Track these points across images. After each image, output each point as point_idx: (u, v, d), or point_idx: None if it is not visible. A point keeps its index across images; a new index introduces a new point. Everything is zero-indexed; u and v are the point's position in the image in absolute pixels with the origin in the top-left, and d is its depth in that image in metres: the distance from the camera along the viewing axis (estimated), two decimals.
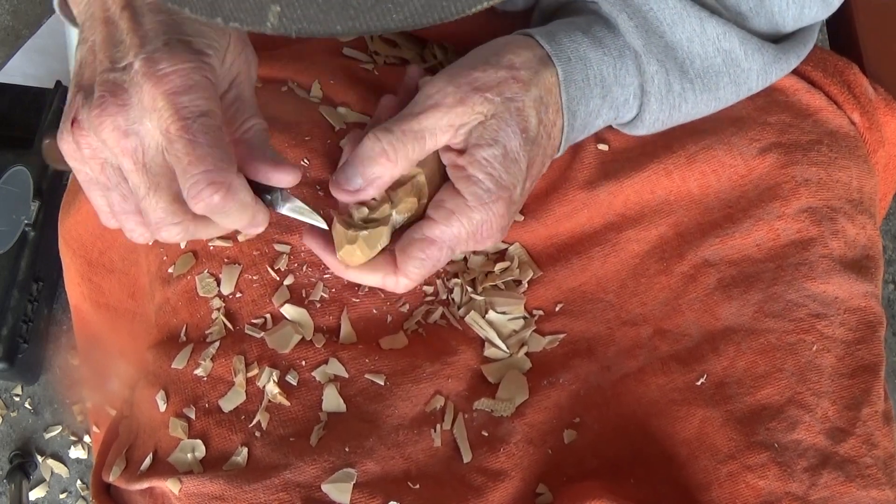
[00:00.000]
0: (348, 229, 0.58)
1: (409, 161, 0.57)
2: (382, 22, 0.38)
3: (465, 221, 0.58)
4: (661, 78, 0.62)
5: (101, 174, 0.53)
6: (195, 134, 0.50)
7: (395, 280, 0.59)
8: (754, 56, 0.64)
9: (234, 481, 0.57)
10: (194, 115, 0.50)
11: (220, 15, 0.39)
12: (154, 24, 0.51)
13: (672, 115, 0.65)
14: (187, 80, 0.50)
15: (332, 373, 0.61)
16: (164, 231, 0.54)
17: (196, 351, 0.62)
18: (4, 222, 1.33)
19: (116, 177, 0.53)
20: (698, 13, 0.62)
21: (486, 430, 0.64)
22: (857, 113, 0.73)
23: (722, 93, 0.65)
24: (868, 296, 0.67)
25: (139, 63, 0.50)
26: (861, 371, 0.64)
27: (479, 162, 0.57)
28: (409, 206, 0.59)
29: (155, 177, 0.51)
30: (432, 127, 0.57)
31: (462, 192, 0.58)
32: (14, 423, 1.41)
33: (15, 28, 1.61)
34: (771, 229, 0.66)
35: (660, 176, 0.67)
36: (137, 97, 0.50)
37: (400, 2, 0.37)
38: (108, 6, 0.53)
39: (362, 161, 0.57)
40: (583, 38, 0.61)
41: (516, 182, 0.59)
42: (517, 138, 0.58)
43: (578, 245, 0.68)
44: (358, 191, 0.57)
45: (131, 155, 0.51)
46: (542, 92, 0.59)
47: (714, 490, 0.61)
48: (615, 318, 0.68)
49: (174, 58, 0.50)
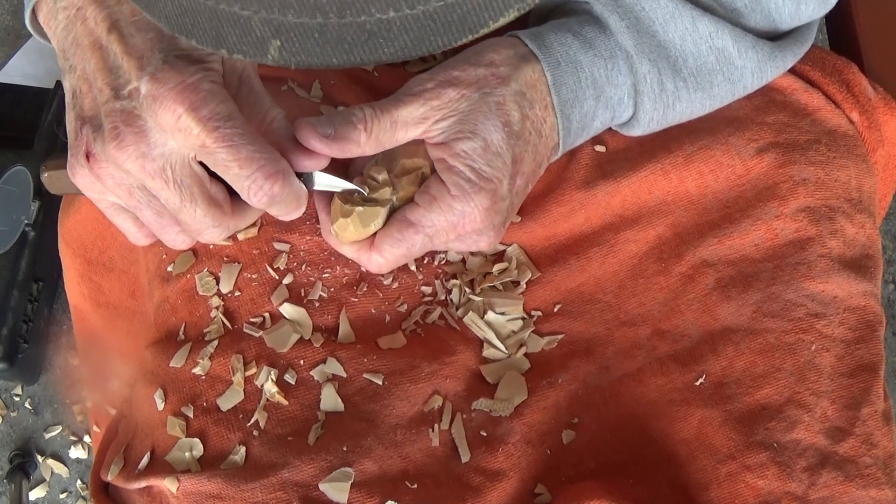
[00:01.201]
0: (346, 204, 0.58)
1: (379, 143, 0.57)
2: (375, 55, 0.41)
3: (444, 208, 0.58)
4: (654, 77, 0.62)
5: (130, 199, 0.55)
6: (232, 138, 0.51)
7: (369, 255, 0.59)
8: (748, 54, 0.64)
9: (231, 480, 0.57)
10: (222, 121, 0.51)
11: (224, 47, 0.42)
12: (146, 43, 0.52)
13: (666, 114, 0.65)
14: (199, 92, 0.51)
15: (330, 372, 0.61)
16: (207, 234, 0.56)
17: (194, 350, 0.62)
18: (4, 222, 1.33)
19: (146, 196, 0.55)
20: (691, 12, 0.62)
21: (485, 430, 0.64)
22: (855, 112, 0.73)
23: (717, 91, 0.65)
24: (867, 295, 0.67)
25: (145, 86, 0.51)
26: (860, 370, 0.64)
27: (459, 154, 0.57)
28: (409, 194, 0.59)
29: (188, 188, 0.53)
30: (405, 117, 0.57)
31: (445, 181, 0.58)
32: (14, 423, 1.41)
33: (15, 28, 1.61)
34: (769, 229, 0.66)
35: (657, 176, 0.67)
36: (153, 121, 0.51)
37: (391, 37, 0.40)
38: (93, 30, 0.53)
39: (341, 120, 0.56)
40: (573, 41, 0.61)
41: (501, 176, 0.58)
42: (499, 132, 0.58)
43: (576, 246, 0.68)
44: (322, 139, 0.56)
45: (160, 175, 0.52)
46: (524, 87, 0.59)
47: (713, 490, 0.61)
48: (613, 319, 0.68)
49: (178, 74, 0.51)
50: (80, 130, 0.53)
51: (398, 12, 0.40)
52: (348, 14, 0.40)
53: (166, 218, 0.56)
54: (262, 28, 0.41)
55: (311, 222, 0.64)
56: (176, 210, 0.54)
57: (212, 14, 0.41)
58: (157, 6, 0.43)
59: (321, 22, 0.40)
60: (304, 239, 0.65)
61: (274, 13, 0.40)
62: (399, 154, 0.59)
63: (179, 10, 0.42)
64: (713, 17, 0.63)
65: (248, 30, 0.41)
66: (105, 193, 0.55)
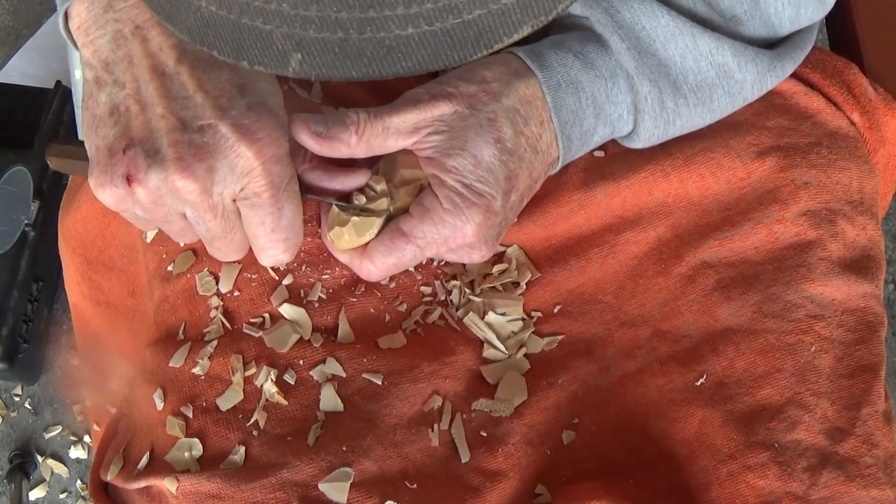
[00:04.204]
0: (343, 213, 0.58)
1: (370, 147, 0.57)
2: (393, 69, 0.42)
3: (437, 221, 0.57)
4: (655, 97, 0.62)
5: (161, 217, 0.57)
6: (282, 203, 0.55)
7: (360, 262, 0.60)
8: (748, 67, 0.64)
9: (231, 480, 0.57)
10: (284, 183, 0.55)
11: (245, 59, 0.43)
12: (222, 84, 0.54)
13: (667, 129, 0.65)
14: (279, 148, 0.54)
15: (329, 372, 0.61)
16: (230, 257, 0.60)
17: (194, 349, 0.63)
18: (4, 222, 1.33)
19: (179, 220, 0.57)
20: (691, 29, 0.62)
21: (485, 430, 0.64)
22: (856, 113, 0.73)
23: (716, 104, 0.65)
24: (868, 296, 0.67)
25: (227, 128, 0.53)
26: (860, 371, 0.64)
27: (450, 170, 0.57)
28: (406, 204, 0.59)
29: (230, 223, 0.56)
30: (398, 125, 0.57)
31: (438, 195, 0.58)
32: (14, 423, 1.41)
33: (15, 28, 1.61)
34: (769, 232, 0.66)
35: (657, 178, 0.67)
36: (226, 161, 0.53)
37: (409, 52, 0.42)
38: (156, 54, 0.54)
39: (335, 121, 0.56)
40: (574, 61, 0.61)
41: (493, 192, 0.58)
42: (490, 147, 0.57)
43: (576, 247, 0.68)
44: (313, 136, 0.56)
45: (212, 210, 0.55)
46: (516, 103, 0.59)
47: (714, 490, 0.61)
48: (614, 320, 0.68)
49: (265, 125, 0.54)
50: (122, 150, 0.54)
51: (417, 29, 0.41)
52: (368, 30, 0.41)
53: (189, 235, 0.59)
54: (283, 42, 0.42)
55: (312, 224, 0.64)
56: (214, 237, 0.57)
57: (234, 27, 0.42)
58: (179, 18, 0.44)
59: (342, 37, 0.41)
60: (304, 240, 0.65)
61: (296, 28, 0.41)
62: (399, 165, 0.59)
63: (202, 23, 0.43)
64: (714, 33, 0.63)
65: (269, 43, 0.42)
66: (134, 208, 0.57)
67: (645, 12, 0.61)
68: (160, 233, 0.68)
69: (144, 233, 0.68)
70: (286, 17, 0.41)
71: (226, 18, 0.42)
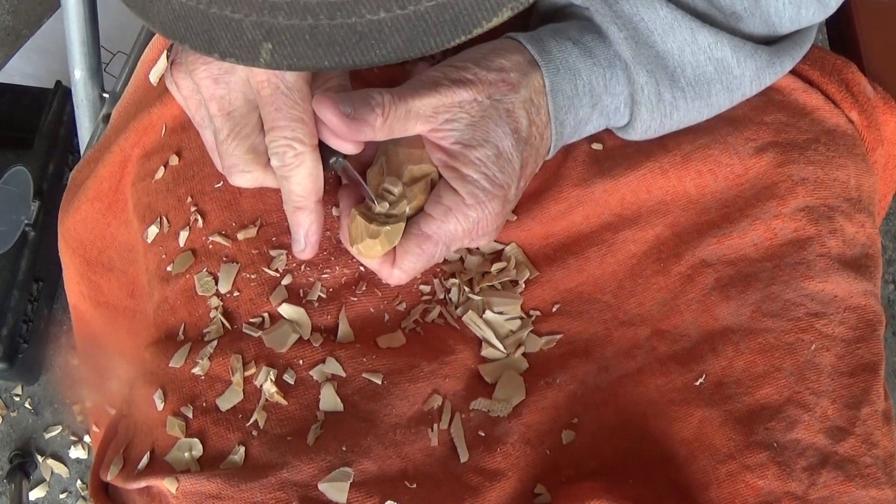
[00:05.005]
0: (370, 223, 0.58)
1: (391, 130, 0.57)
2: (367, 57, 0.41)
3: (461, 219, 0.58)
4: (651, 88, 0.63)
5: (196, 113, 0.59)
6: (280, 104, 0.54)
7: (391, 271, 0.60)
8: (747, 62, 0.64)
9: (231, 480, 0.57)
10: (282, 85, 0.54)
11: (217, 51, 0.43)
12: None
13: (664, 122, 0.65)
14: None
15: (329, 372, 0.61)
16: (236, 177, 0.59)
17: (194, 350, 0.62)
18: (4, 222, 1.33)
19: (209, 118, 0.58)
20: (690, 23, 0.62)
21: (483, 430, 0.64)
22: (855, 111, 0.73)
23: (714, 99, 0.65)
24: (867, 294, 0.67)
25: None
26: (861, 370, 0.64)
27: (473, 162, 0.58)
28: (420, 202, 0.60)
29: (237, 125, 0.56)
30: (419, 108, 0.57)
31: (459, 190, 0.58)
32: (14, 423, 1.41)
33: (15, 28, 1.61)
34: (768, 229, 0.66)
35: (656, 175, 0.67)
36: None
37: (382, 38, 0.40)
38: None
39: (360, 102, 0.56)
40: (573, 48, 0.62)
41: (511, 181, 0.59)
42: (509, 138, 0.58)
43: (575, 245, 0.68)
44: (340, 116, 0.55)
45: (218, 101, 0.55)
46: (532, 94, 0.60)
47: (713, 490, 0.61)
48: (612, 319, 0.68)
49: None
50: None
51: (389, 13, 0.40)
52: (339, 15, 0.40)
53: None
54: (253, 31, 0.41)
55: None
56: (219, 141, 0.57)
57: (203, 18, 0.42)
58: (151, 12, 0.44)
59: (312, 24, 0.40)
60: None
61: (265, 15, 0.41)
62: (404, 160, 0.59)
63: (173, 16, 0.43)
64: (712, 28, 0.63)
65: (239, 33, 0.42)
66: (184, 102, 0.59)
67: (644, 4, 0.61)
68: (160, 233, 0.68)
69: (145, 233, 0.68)
70: (255, 4, 0.41)
71: (195, 9, 0.42)
